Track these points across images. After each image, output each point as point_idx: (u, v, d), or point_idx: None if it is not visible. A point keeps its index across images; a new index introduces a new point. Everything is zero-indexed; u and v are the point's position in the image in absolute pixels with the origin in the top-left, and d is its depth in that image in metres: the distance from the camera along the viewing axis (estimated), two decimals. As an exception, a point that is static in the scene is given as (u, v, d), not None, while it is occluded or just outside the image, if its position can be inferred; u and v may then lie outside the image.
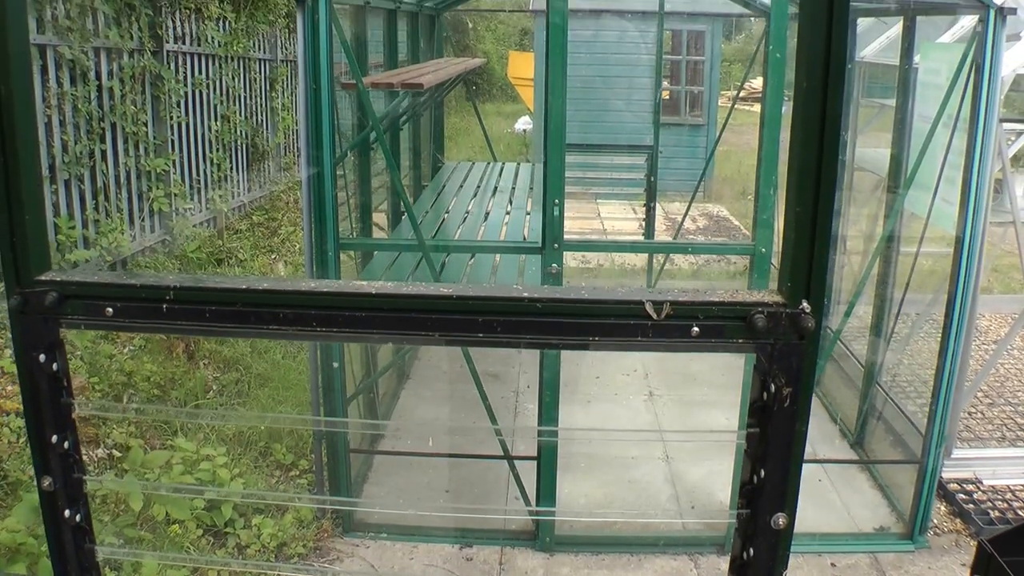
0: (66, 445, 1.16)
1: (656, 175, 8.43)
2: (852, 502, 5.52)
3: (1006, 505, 5.42)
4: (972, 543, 5.12)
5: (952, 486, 5.55)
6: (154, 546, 4.59)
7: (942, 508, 5.43)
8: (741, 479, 1.10)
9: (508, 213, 6.21)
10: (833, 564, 4.98)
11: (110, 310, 1.09)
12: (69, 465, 1.17)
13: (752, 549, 1.11)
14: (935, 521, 5.28)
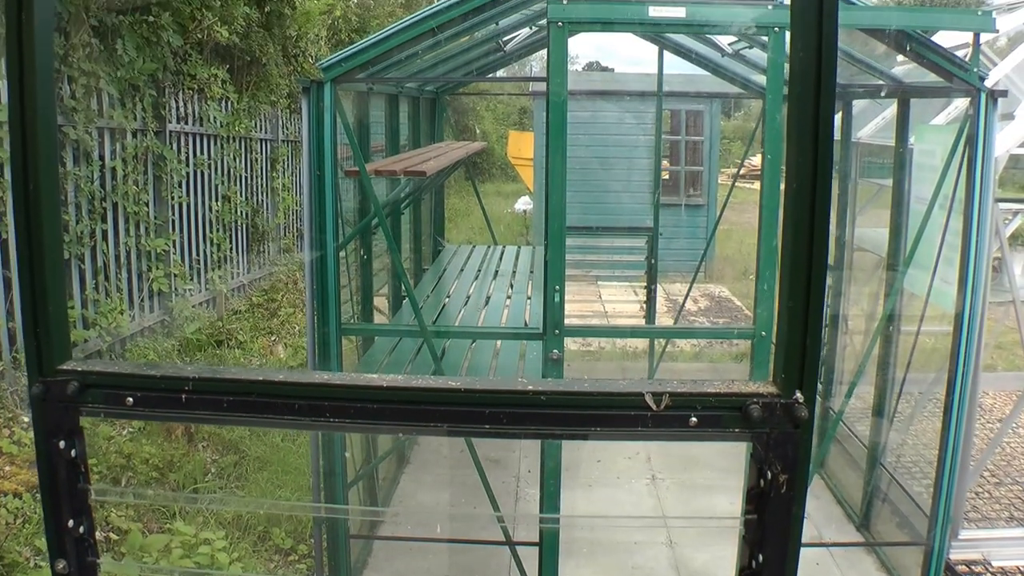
0: (81, 529, 1.19)
1: (656, 257, 8.49)
2: (859, 587, 5.45)
3: (1015, 588, 5.34)
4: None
5: (960, 568, 5.46)
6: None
7: (951, 592, 5.35)
8: (739, 565, 1.13)
9: (509, 298, 6.27)
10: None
11: (130, 399, 1.14)
12: (84, 549, 1.20)
13: (755, 634, 1.12)
14: (944, 605, 5.20)
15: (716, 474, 6.80)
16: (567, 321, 4.15)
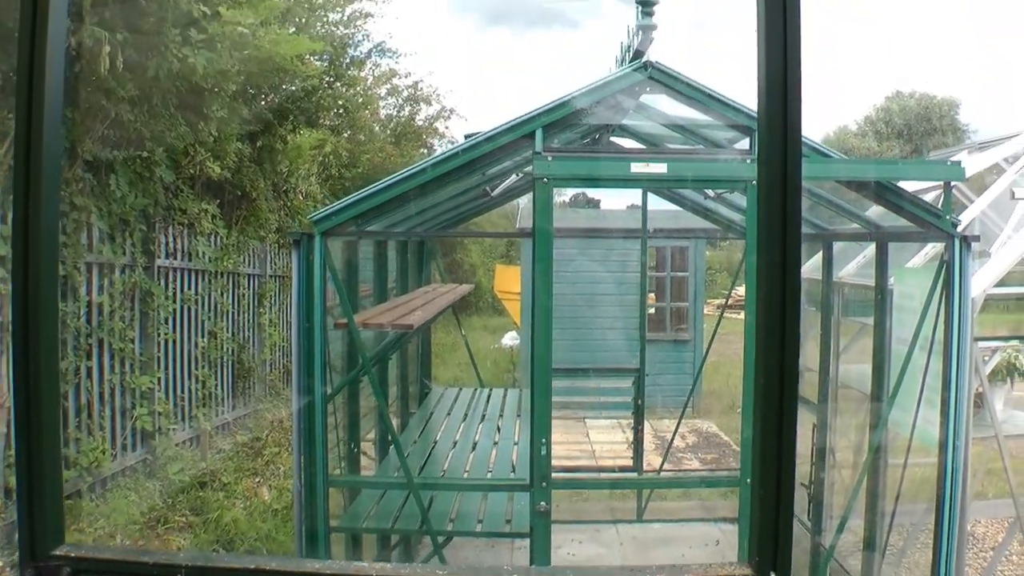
0: None
1: (643, 397, 8.48)
2: None
3: None
4: None
5: None
6: None
7: None
8: None
9: (496, 443, 6.24)
10: None
11: (122, 587, 1.15)
12: None
13: None
14: None
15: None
16: (554, 462, 4.13)
